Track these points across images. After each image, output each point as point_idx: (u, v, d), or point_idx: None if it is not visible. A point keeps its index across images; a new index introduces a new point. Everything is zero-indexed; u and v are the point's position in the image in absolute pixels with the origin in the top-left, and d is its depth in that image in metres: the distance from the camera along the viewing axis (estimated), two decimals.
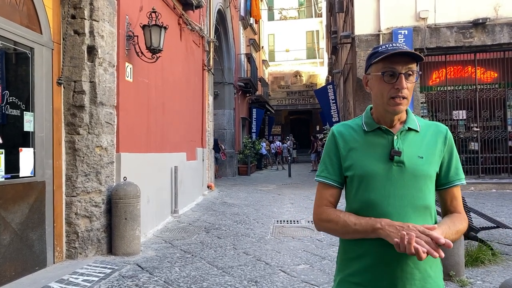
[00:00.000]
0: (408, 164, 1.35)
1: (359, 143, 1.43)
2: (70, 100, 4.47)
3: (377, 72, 1.38)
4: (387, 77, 1.35)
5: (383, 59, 1.35)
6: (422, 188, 1.35)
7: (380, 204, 1.34)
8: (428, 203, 1.36)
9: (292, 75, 31.06)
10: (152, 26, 5.45)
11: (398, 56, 1.34)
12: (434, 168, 1.38)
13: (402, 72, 1.33)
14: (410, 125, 1.41)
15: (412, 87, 1.36)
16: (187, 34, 8.36)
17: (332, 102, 16.27)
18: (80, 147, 4.47)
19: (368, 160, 1.39)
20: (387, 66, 1.34)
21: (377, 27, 9.78)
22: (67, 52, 4.45)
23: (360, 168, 1.39)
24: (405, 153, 1.36)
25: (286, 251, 4.86)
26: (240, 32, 17.90)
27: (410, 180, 1.34)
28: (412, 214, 1.32)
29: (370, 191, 1.36)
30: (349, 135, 1.46)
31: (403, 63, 1.33)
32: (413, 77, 1.35)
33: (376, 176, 1.36)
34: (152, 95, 6.28)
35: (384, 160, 1.37)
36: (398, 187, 1.34)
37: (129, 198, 4.71)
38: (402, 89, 1.32)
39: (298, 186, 12.28)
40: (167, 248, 5.07)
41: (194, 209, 7.91)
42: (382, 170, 1.36)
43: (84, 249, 4.48)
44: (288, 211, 7.67)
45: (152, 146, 6.24)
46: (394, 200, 1.33)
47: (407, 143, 1.38)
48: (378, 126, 1.41)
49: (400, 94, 1.33)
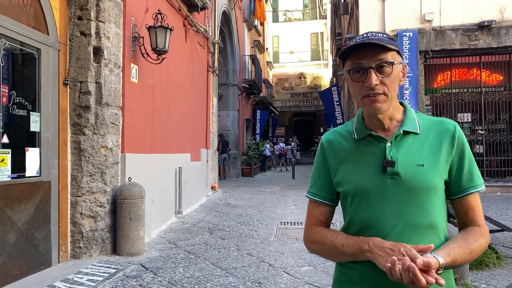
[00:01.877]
0: (404, 175, 1.14)
1: (349, 153, 1.25)
2: (76, 101, 4.50)
3: (346, 71, 1.21)
4: (355, 74, 1.17)
5: (347, 55, 1.19)
6: (424, 203, 1.13)
7: (376, 224, 1.15)
8: (433, 221, 1.14)
9: (296, 77, 31.06)
10: (158, 27, 5.48)
11: (363, 49, 1.15)
12: (439, 177, 1.15)
13: (372, 65, 1.14)
14: (407, 127, 1.20)
15: (393, 79, 1.16)
16: (192, 35, 8.39)
17: (336, 104, 16.28)
18: (85, 148, 4.49)
19: (360, 173, 1.20)
20: (354, 62, 1.17)
21: (382, 29, 9.76)
22: (73, 53, 4.48)
23: (351, 184, 1.21)
24: (400, 162, 1.15)
25: (289, 253, 4.86)
26: (245, 34, 17.93)
27: (408, 194, 1.14)
28: (413, 235, 1.12)
29: (364, 209, 1.18)
30: (339, 145, 1.28)
31: (371, 56, 1.14)
32: (389, 68, 1.14)
33: (369, 192, 1.17)
34: (157, 96, 6.30)
35: (377, 172, 1.17)
36: (395, 204, 1.14)
37: (133, 198, 4.72)
38: (371, 85, 1.13)
39: (301, 188, 12.27)
40: (171, 248, 5.09)
41: (198, 210, 7.92)
42: (375, 184, 1.17)
43: (88, 249, 4.50)
44: (291, 213, 7.67)
45: (157, 146, 6.27)
46: (390, 220, 1.14)
47: (403, 150, 1.17)
48: (369, 133, 1.22)
49: (372, 92, 1.14)
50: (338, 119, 16.11)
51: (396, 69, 1.17)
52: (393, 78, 1.16)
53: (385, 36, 1.18)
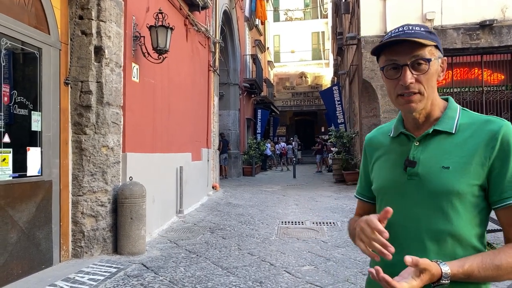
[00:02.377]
0: (425, 177, 1.08)
1: (383, 151, 1.23)
2: (77, 100, 4.51)
3: (380, 67, 1.16)
4: (389, 71, 1.12)
5: (381, 51, 1.14)
6: (444, 208, 1.05)
7: (395, 225, 1.11)
8: (456, 230, 1.05)
9: (297, 76, 31.04)
10: (159, 27, 5.48)
11: (398, 44, 1.08)
12: (467, 182, 1.04)
13: (407, 62, 1.08)
14: (439, 126, 1.12)
15: (429, 77, 1.09)
16: (193, 35, 8.39)
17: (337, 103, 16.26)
18: (86, 147, 4.50)
19: (386, 171, 1.19)
20: (388, 58, 1.12)
21: (383, 28, 9.76)
22: (74, 52, 4.49)
23: (378, 181, 1.21)
24: (423, 163, 1.10)
25: (290, 252, 4.86)
26: (246, 33, 17.93)
27: (428, 197, 1.07)
28: (429, 242, 1.06)
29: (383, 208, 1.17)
30: (377, 142, 1.27)
31: (406, 52, 1.08)
32: (425, 65, 1.08)
33: (390, 191, 1.16)
34: (158, 96, 6.31)
35: (400, 172, 1.14)
36: (413, 206, 1.10)
37: (134, 198, 4.73)
38: (406, 84, 1.07)
39: (303, 187, 12.27)
40: (172, 248, 5.09)
41: (199, 209, 7.93)
42: (396, 184, 1.15)
43: (90, 248, 4.50)
44: (292, 212, 7.67)
45: (158, 146, 6.27)
46: (407, 221, 1.10)
47: (428, 150, 1.11)
48: (401, 131, 1.19)
49: (407, 91, 1.09)
50: (339, 118, 16.09)
51: (433, 65, 1.10)
52: (430, 75, 1.10)
53: (423, 29, 1.11)
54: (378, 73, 9.72)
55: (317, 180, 14.73)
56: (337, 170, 13.34)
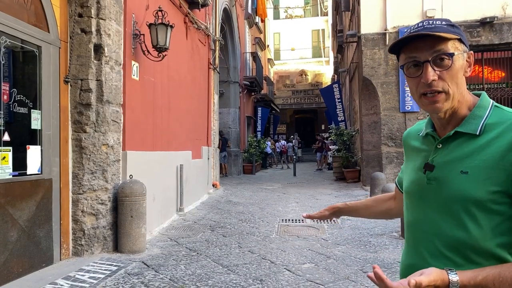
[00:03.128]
0: (442, 182, 1.03)
1: (413, 151, 1.20)
2: (77, 98, 4.50)
3: (400, 65, 1.10)
4: (410, 69, 1.06)
5: (401, 48, 1.08)
6: (461, 216, 0.98)
7: (412, 227, 1.12)
8: (473, 239, 0.97)
9: (297, 74, 31.01)
10: (159, 24, 5.47)
11: (418, 40, 1.03)
12: (486, 188, 0.95)
13: (428, 59, 1.01)
14: (463, 127, 1.04)
15: (454, 73, 1.02)
16: (193, 32, 8.37)
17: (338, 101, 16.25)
18: (86, 145, 4.50)
19: (410, 174, 1.16)
20: (408, 55, 1.06)
21: (384, 26, 9.74)
22: (74, 50, 4.48)
23: (405, 183, 1.20)
24: (441, 167, 1.05)
25: (291, 250, 4.86)
26: (246, 31, 17.90)
27: (445, 202, 1.02)
28: (445, 249, 1.01)
29: (407, 210, 1.16)
30: (411, 139, 1.23)
31: (427, 47, 1.02)
32: (448, 61, 1.01)
33: (411, 194, 1.14)
34: (158, 94, 6.30)
35: (421, 175, 1.10)
36: (431, 210, 1.06)
37: (135, 196, 4.73)
38: (428, 81, 1.01)
39: (303, 185, 12.27)
40: (173, 246, 5.09)
41: (199, 207, 7.93)
42: (416, 186, 1.12)
43: (90, 247, 4.51)
44: (293, 210, 7.67)
45: (158, 144, 6.27)
46: (425, 226, 1.07)
47: (447, 153, 1.05)
48: (428, 131, 1.14)
49: (429, 89, 1.02)
50: (340, 116, 16.08)
51: (458, 60, 1.03)
52: (455, 71, 1.02)
53: (444, 23, 1.05)
54: (378, 70, 9.71)
55: (318, 178, 14.73)
56: (337, 168, 13.34)
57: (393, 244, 5.10)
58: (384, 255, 4.61)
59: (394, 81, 9.61)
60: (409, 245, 1.15)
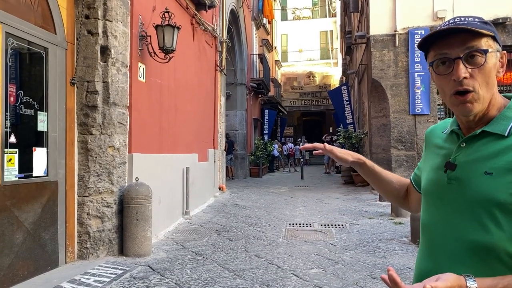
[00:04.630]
0: (464, 182, 1.00)
1: (435, 148, 1.16)
2: (83, 100, 4.53)
3: (429, 63, 1.06)
4: (440, 66, 1.02)
5: (430, 45, 1.04)
6: (483, 219, 0.95)
7: (429, 229, 1.08)
8: (495, 244, 0.93)
9: (305, 76, 30.98)
10: (165, 26, 5.49)
11: (449, 36, 0.99)
12: (510, 192, 0.93)
13: (460, 55, 0.98)
14: (490, 127, 1.01)
15: (486, 72, 0.98)
16: (200, 34, 8.41)
17: (346, 104, 16.19)
18: (92, 147, 4.52)
19: (430, 172, 1.13)
20: (438, 52, 1.02)
21: (393, 27, 9.69)
22: (80, 52, 4.52)
23: (423, 182, 1.16)
24: (463, 167, 1.02)
25: (298, 255, 4.84)
26: (253, 32, 17.93)
27: (466, 204, 0.99)
28: (465, 254, 0.97)
29: (424, 210, 1.12)
30: (434, 137, 1.19)
31: (459, 43, 0.98)
32: (481, 58, 0.97)
33: (430, 193, 1.10)
34: (165, 96, 6.33)
35: (442, 174, 1.07)
36: (450, 212, 1.02)
37: (140, 199, 4.74)
38: (459, 78, 0.97)
39: (310, 189, 12.23)
40: (178, 249, 5.10)
41: (205, 211, 7.94)
42: (435, 186, 1.08)
43: (95, 250, 4.52)
44: (300, 214, 7.64)
45: (164, 146, 6.29)
46: (443, 228, 1.03)
47: (471, 153, 1.02)
48: (453, 128, 1.10)
49: (461, 87, 0.98)
50: (348, 118, 16.02)
51: (491, 59, 0.99)
52: (487, 69, 0.98)
53: (477, 19, 1.01)
54: (388, 72, 9.66)
55: (325, 182, 14.68)
56: (345, 172, 13.28)
57: (403, 249, 5.06)
58: (393, 261, 4.57)
59: (404, 83, 9.55)
60: (425, 248, 1.10)
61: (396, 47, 9.60)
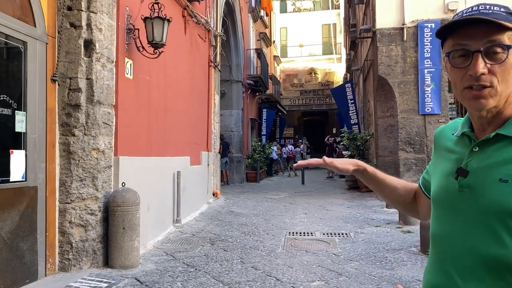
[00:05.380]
0: (476, 190, 0.98)
1: (445, 152, 1.14)
2: (65, 99, 4.52)
3: (445, 53, 1.05)
4: (457, 58, 1.01)
5: (449, 33, 1.02)
6: (498, 231, 0.93)
7: (439, 241, 1.07)
8: (510, 258, 0.92)
9: (306, 73, 31.06)
10: (155, 18, 5.49)
11: (470, 26, 0.98)
12: None
13: (480, 48, 0.96)
14: (506, 129, 0.99)
15: (506, 69, 0.96)
16: (192, 27, 8.41)
17: (350, 102, 16.24)
18: (75, 150, 4.51)
19: (439, 178, 1.11)
20: (456, 42, 1.00)
21: (401, 19, 9.73)
22: (62, 46, 4.50)
23: (432, 188, 1.15)
24: (476, 173, 1.00)
25: (299, 266, 4.84)
26: (250, 26, 17.96)
27: (479, 214, 0.97)
28: (478, 268, 0.95)
29: (434, 220, 1.11)
30: (443, 139, 1.18)
31: (480, 35, 0.96)
32: (503, 54, 0.96)
33: (440, 202, 1.09)
34: (154, 94, 6.32)
35: (453, 181, 1.05)
36: (463, 223, 1.00)
37: (127, 205, 4.73)
38: (476, 74, 0.96)
39: (312, 195, 12.24)
40: (169, 261, 5.08)
41: (198, 219, 7.92)
42: (445, 194, 1.06)
43: (78, 261, 4.51)
44: (301, 222, 7.64)
45: (153, 149, 6.28)
46: (455, 239, 1.02)
47: (485, 158, 1.00)
48: (464, 130, 1.08)
49: (476, 83, 0.97)
50: (353, 119, 16.06)
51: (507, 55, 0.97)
52: (508, 66, 0.97)
53: (503, 9, 1.00)
54: (395, 69, 9.69)
55: (328, 187, 14.69)
56: (350, 176, 13.29)
57: (412, 260, 5.06)
58: (401, 273, 4.58)
59: (413, 80, 9.58)
60: (434, 261, 1.09)
61: (404, 42, 9.63)
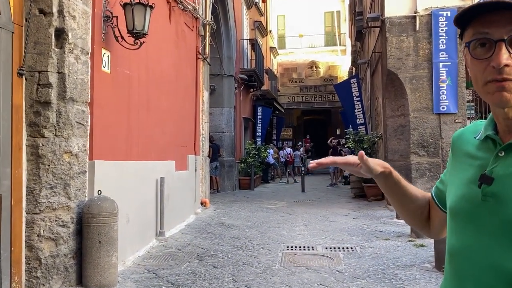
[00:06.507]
0: (502, 199, 0.97)
1: (465, 157, 1.14)
2: (34, 95, 4.50)
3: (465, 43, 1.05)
4: (478, 49, 1.01)
5: (469, 21, 1.02)
6: None
7: (458, 256, 1.06)
8: None
9: (306, 66, 31.14)
10: (135, 4, 5.49)
11: (493, 12, 0.97)
12: None
13: (504, 37, 0.96)
14: None
15: None
16: (178, 15, 8.41)
17: (356, 100, 16.28)
18: (44, 153, 4.49)
19: (459, 187, 1.10)
20: (477, 30, 1.00)
21: (413, 7, 9.78)
22: (30, 36, 4.49)
23: (449, 198, 1.14)
24: (502, 181, 0.98)
25: (298, 285, 4.85)
26: (243, 13, 18.00)
27: (502, 226, 0.96)
28: (499, 287, 0.95)
29: (451, 233, 1.10)
30: (463, 143, 1.17)
31: (504, 23, 0.96)
32: None
33: (459, 212, 1.08)
34: (134, 90, 6.31)
35: (475, 189, 1.04)
36: (485, 235, 0.99)
37: (104, 216, 4.72)
38: (499, 65, 0.95)
39: (313, 204, 12.27)
40: (151, 279, 5.08)
41: (184, 231, 7.92)
42: (468, 204, 1.05)
43: (48, 279, 4.48)
44: (301, 235, 7.66)
45: (133, 152, 6.27)
46: (475, 254, 1.01)
47: (511, 164, 0.99)
48: (488, 133, 1.08)
49: (499, 76, 0.96)
50: (359, 118, 16.10)
51: None
52: None
53: None
54: (407, 62, 9.74)
55: (331, 195, 14.73)
56: (355, 183, 13.34)
57: (425, 277, 5.08)
58: None
59: (426, 75, 9.63)
60: (451, 279, 1.09)
61: (417, 32, 9.68)
